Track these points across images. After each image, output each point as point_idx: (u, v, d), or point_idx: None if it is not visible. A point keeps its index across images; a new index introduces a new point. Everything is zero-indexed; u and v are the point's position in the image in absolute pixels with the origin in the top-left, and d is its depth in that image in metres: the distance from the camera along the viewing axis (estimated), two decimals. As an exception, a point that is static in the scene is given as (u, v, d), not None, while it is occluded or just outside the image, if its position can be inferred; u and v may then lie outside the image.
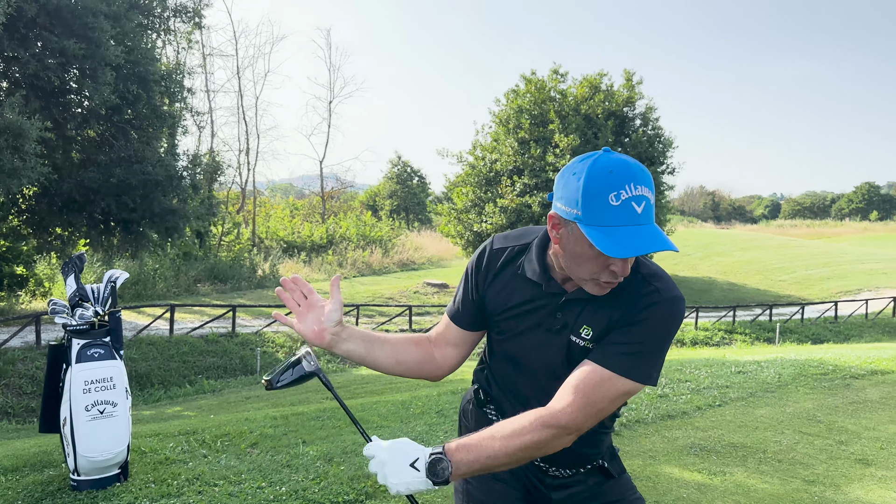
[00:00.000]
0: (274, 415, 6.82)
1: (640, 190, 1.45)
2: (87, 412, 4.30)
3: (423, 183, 65.28)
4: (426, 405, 6.92)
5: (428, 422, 6.13)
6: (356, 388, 12.10)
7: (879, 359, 9.10)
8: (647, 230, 1.45)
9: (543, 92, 28.61)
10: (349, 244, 35.77)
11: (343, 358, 15.58)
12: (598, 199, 1.44)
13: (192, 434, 5.94)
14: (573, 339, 1.64)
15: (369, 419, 6.40)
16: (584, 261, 1.52)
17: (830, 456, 5.08)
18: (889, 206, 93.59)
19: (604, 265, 1.50)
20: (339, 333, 1.75)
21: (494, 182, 28.63)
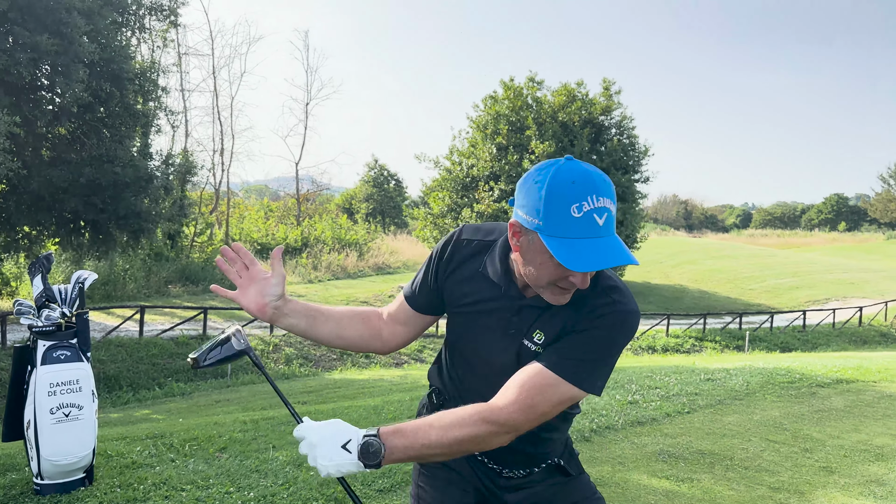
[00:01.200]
0: (244, 419, 6.76)
1: (602, 202, 1.43)
2: (52, 415, 4.23)
3: (399, 187, 65.22)
4: (398, 410, 6.91)
5: (399, 427, 6.12)
6: (328, 393, 12.04)
7: (844, 368, 9.27)
8: (609, 242, 1.44)
9: (521, 99, 28.77)
10: (324, 247, 35.56)
11: (316, 362, 15.46)
12: (560, 210, 1.42)
13: (160, 438, 5.87)
14: (525, 342, 1.63)
15: (340, 424, 6.37)
16: (543, 270, 1.50)
17: (795, 464, 5.16)
18: (857, 217, 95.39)
19: (562, 275, 1.48)
20: (280, 307, 1.76)
21: (471, 187, 28.71)
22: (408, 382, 13.18)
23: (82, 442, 4.36)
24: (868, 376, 8.61)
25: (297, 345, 17.32)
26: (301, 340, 17.56)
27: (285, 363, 16.37)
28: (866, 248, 62.73)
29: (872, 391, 7.75)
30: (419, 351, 18.48)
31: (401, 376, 14.54)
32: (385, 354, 1.81)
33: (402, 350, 18.29)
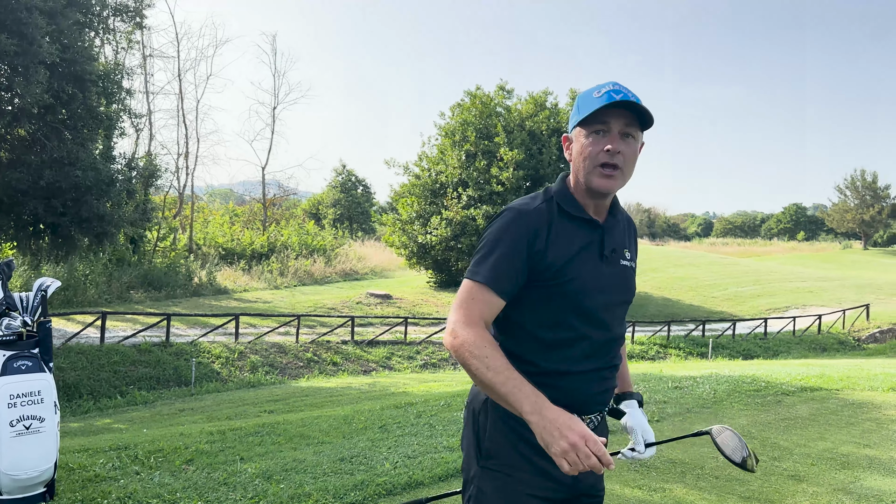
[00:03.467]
0: (210, 430, 6.62)
1: (620, 88, 1.80)
2: (12, 428, 4.07)
3: (367, 192, 65.03)
4: (369, 420, 6.83)
5: (371, 437, 6.05)
6: (295, 402, 11.88)
7: (808, 376, 9.44)
8: (621, 98, 1.77)
9: (489, 107, 28.89)
10: (291, 252, 35.21)
11: (282, 370, 15.28)
12: (585, 99, 1.82)
13: (124, 449, 5.72)
14: (623, 262, 1.93)
15: (310, 435, 6.27)
16: (585, 152, 1.81)
17: (765, 472, 5.20)
18: (815, 226, 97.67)
19: (599, 147, 1.79)
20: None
21: (440, 194, 28.69)
22: (376, 390, 13.08)
23: (44, 455, 4.21)
24: (831, 384, 8.76)
25: (262, 352, 17.09)
26: (266, 347, 17.35)
27: (251, 371, 16.14)
28: (823, 256, 64.29)
29: (835, 399, 7.89)
30: (387, 358, 18.38)
31: (369, 384, 14.43)
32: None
33: (370, 357, 18.17)
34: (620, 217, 1.99)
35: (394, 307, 25.44)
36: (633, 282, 1.97)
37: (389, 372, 17.48)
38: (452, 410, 7.08)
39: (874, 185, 74.99)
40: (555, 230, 1.84)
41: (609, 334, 1.90)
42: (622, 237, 1.96)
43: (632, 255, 1.99)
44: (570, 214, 1.87)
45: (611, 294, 1.88)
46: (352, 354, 18.09)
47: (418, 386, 13.25)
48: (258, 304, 24.92)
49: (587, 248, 1.86)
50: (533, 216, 1.84)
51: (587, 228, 1.88)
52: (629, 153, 1.81)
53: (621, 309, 1.94)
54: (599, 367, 1.89)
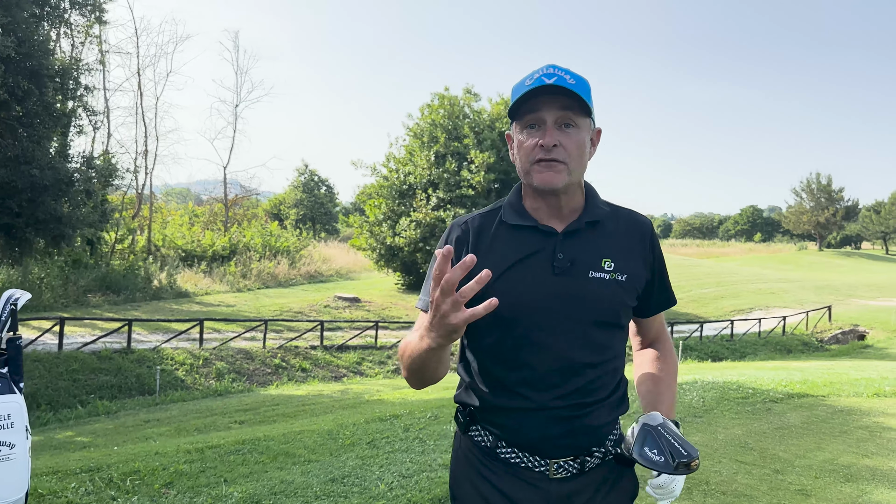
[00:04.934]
0: (188, 448, 6.25)
1: (554, 70, 1.58)
2: (-21, 457, 3.69)
3: (331, 192, 64.35)
4: (355, 435, 6.53)
5: (360, 454, 5.75)
6: (266, 411, 11.49)
7: (792, 382, 9.42)
8: (554, 83, 1.55)
9: (457, 108, 28.72)
10: (253, 254, 34.51)
11: (249, 377, 14.80)
12: (517, 89, 1.60)
13: (97, 471, 5.34)
14: (593, 274, 1.63)
15: (295, 452, 5.95)
16: (521, 148, 1.61)
17: (771, 486, 5.07)
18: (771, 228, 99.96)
19: (534, 143, 1.58)
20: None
21: (409, 195, 28.40)
22: (349, 398, 12.75)
23: (14, 484, 3.82)
24: (816, 390, 8.75)
25: (228, 359, 16.59)
26: (232, 354, 16.85)
27: (216, 378, 15.64)
28: (781, 258, 65.73)
29: (824, 406, 7.85)
30: (358, 363, 18.03)
31: (341, 391, 14.09)
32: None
33: (341, 363, 17.80)
34: (607, 222, 1.70)
35: (363, 310, 25.06)
36: (612, 297, 1.63)
37: (361, 378, 17.13)
38: (441, 423, 6.83)
39: (829, 188, 76.96)
40: (486, 242, 1.66)
41: (561, 362, 1.60)
42: (600, 245, 1.66)
43: (620, 265, 1.65)
44: (508, 224, 1.67)
45: (562, 313, 1.60)
46: (321, 360, 17.70)
47: (392, 393, 12.96)
48: (221, 307, 24.29)
49: (529, 259, 1.62)
50: (458, 229, 1.71)
51: (534, 237, 1.64)
52: (572, 144, 1.58)
53: (585, 330, 1.61)
54: (553, 402, 1.61)
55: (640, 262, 1.71)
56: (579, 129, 1.61)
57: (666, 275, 1.81)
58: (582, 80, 1.60)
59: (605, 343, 1.65)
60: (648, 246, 1.74)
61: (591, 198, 1.72)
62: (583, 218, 1.67)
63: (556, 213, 1.67)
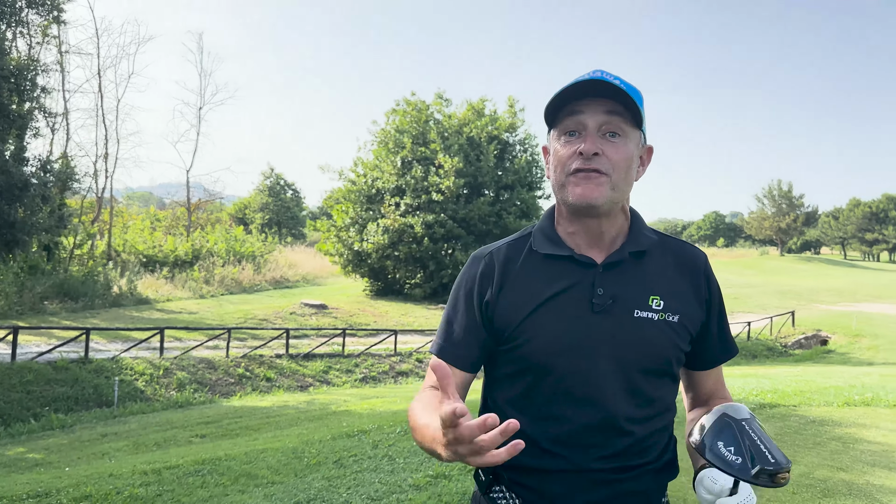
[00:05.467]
0: (144, 468, 5.94)
1: (601, 73, 1.37)
2: None
3: (297, 197, 63.70)
4: (321, 453, 6.28)
5: (326, 475, 5.51)
6: (229, 424, 11.13)
7: (763, 391, 9.40)
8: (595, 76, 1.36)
9: (425, 114, 28.58)
10: (217, 259, 33.87)
11: (212, 387, 14.45)
12: (554, 97, 1.38)
13: (45, 497, 5.03)
14: (640, 314, 1.40)
15: (258, 473, 5.69)
16: (557, 158, 1.40)
17: None
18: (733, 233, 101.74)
19: (572, 152, 1.36)
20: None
21: (377, 200, 28.15)
22: (315, 409, 12.45)
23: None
24: (787, 399, 8.72)
25: (190, 368, 16.14)
26: (194, 363, 16.41)
27: (178, 389, 15.18)
28: (744, 263, 66.73)
29: (796, 416, 7.81)
30: (325, 372, 17.69)
31: (307, 401, 13.77)
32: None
33: (307, 372, 17.45)
34: (655, 252, 1.47)
35: (330, 317, 24.68)
36: (662, 340, 1.40)
37: (328, 387, 16.80)
38: (411, 439, 6.60)
39: (790, 195, 78.56)
40: (514, 276, 1.44)
41: (602, 417, 1.38)
42: (647, 280, 1.43)
43: (671, 303, 1.41)
44: (539, 254, 1.45)
45: (603, 358, 1.37)
46: (287, 369, 17.32)
47: (360, 403, 12.69)
48: (183, 315, 23.73)
49: (564, 295, 1.40)
50: (481, 262, 1.49)
51: (570, 269, 1.42)
52: (618, 155, 1.36)
53: (630, 380, 1.39)
54: (592, 464, 1.39)
55: (693, 300, 1.46)
56: (627, 139, 1.38)
57: (725, 318, 1.54)
58: (634, 88, 1.38)
59: (654, 395, 1.42)
60: (704, 282, 1.49)
61: (635, 224, 1.49)
62: (626, 247, 1.44)
63: (595, 241, 1.44)
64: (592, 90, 1.34)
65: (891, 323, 28.73)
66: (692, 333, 1.45)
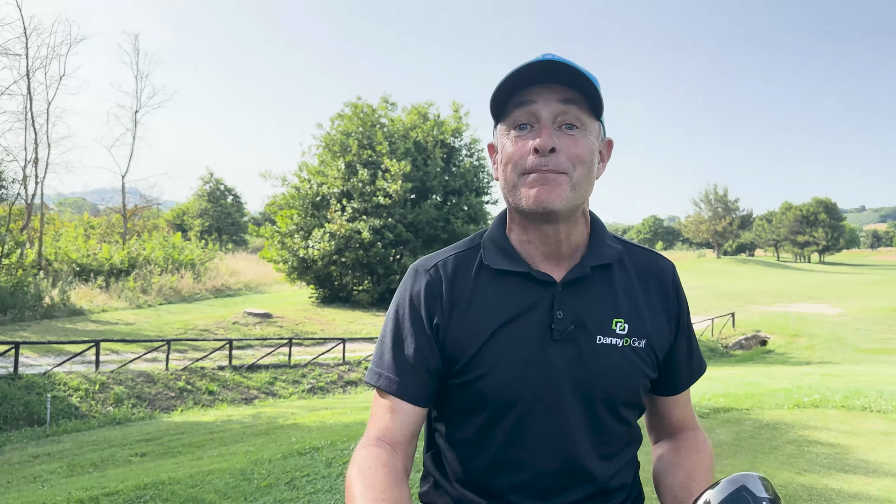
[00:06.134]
0: (80, 496, 5.53)
1: (546, 56, 1.15)
2: None
3: (238, 202, 62.43)
4: (271, 473, 5.98)
5: (278, 498, 5.23)
6: (170, 441, 10.64)
7: (715, 395, 9.47)
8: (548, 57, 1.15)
9: (371, 117, 28.31)
10: (155, 268, 32.79)
11: (151, 402, 13.87)
12: (500, 85, 1.17)
13: (-34, 535, 4.60)
14: (602, 340, 1.23)
15: (204, 498, 5.35)
16: (508, 156, 1.19)
17: (716, 515, 4.88)
18: (671, 237, 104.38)
19: (525, 149, 1.16)
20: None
21: (322, 206, 27.69)
22: (262, 423, 12.04)
23: None
24: (739, 403, 8.80)
25: (128, 383, 15.45)
26: (132, 377, 15.72)
27: (115, 404, 14.51)
28: (682, 265, 68.41)
29: (750, 420, 7.86)
30: (270, 384, 17.20)
31: (253, 415, 13.32)
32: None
33: (251, 383, 16.93)
34: (618, 266, 1.29)
35: (275, 326, 24.09)
36: (628, 370, 1.23)
37: (274, 399, 16.32)
38: (366, 456, 6.36)
39: (725, 199, 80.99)
40: (464, 296, 1.25)
41: (565, 456, 1.23)
42: (610, 299, 1.26)
43: (636, 326, 1.25)
44: (491, 269, 1.27)
45: (564, 392, 1.21)
46: (230, 381, 16.76)
47: (309, 416, 12.33)
48: (120, 326, 22.82)
49: (522, 320, 1.22)
50: (426, 276, 1.28)
51: (526, 287, 1.24)
52: (577, 150, 1.16)
53: (594, 416, 1.23)
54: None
55: (661, 319, 1.29)
56: (586, 131, 1.19)
57: (693, 335, 1.38)
58: (590, 73, 1.17)
59: (620, 430, 1.26)
60: (673, 297, 1.32)
61: (596, 232, 1.30)
62: (587, 261, 1.25)
63: (552, 251, 1.25)
64: (544, 75, 1.15)
65: (825, 322, 29.76)
66: (659, 357, 1.29)
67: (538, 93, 1.16)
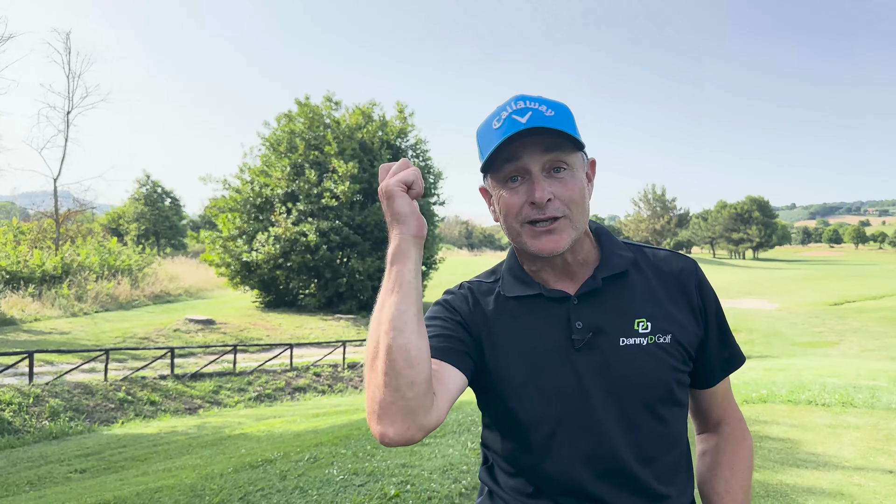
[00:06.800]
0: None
1: (525, 104, 1.26)
2: None
3: (177, 205, 60.85)
4: (223, 488, 5.75)
5: (232, 515, 5.01)
6: (112, 455, 10.21)
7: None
8: (530, 123, 1.23)
9: (318, 117, 27.91)
10: (90, 274, 31.63)
11: (89, 414, 13.34)
12: (484, 135, 1.29)
13: None
14: (626, 341, 1.29)
15: (154, 518, 5.10)
16: (507, 209, 1.29)
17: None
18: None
19: (522, 202, 1.26)
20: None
21: (265, 208, 27.14)
22: (208, 434, 11.68)
23: None
24: (690, 401, 8.93)
25: (64, 395, 14.79)
26: (69, 389, 15.05)
27: (51, 418, 13.86)
28: (624, 263, 69.76)
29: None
30: (215, 392, 16.73)
31: (198, 425, 12.92)
32: (414, 439, 1.14)
33: (195, 392, 16.43)
34: (633, 271, 1.36)
35: (218, 333, 23.46)
36: (657, 366, 1.28)
37: (219, 408, 15.87)
38: (322, 467, 6.18)
39: (664, 198, 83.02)
40: (487, 322, 1.35)
41: (607, 467, 1.27)
42: (628, 302, 1.32)
43: (659, 323, 1.30)
44: (509, 298, 1.36)
45: (595, 398, 1.26)
46: (173, 391, 16.23)
47: (257, 424, 12.03)
48: (54, 336, 21.88)
49: (541, 337, 1.30)
50: (456, 293, 1.41)
51: (541, 307, 1.33)
52: (569, 192, 1.26)
53: (631, 418, 1.27)
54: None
55: (686, 314, 1.34)
56: (573, 169, 1.28)
57: (726, 326, 1.41)
58: (561, 107, 1.28)
59: (662, 430, 1.30)
60: (695, 292, 1.36)
61: (605, 245, 1.38)
62: (599, 273, 1.34)
63: (564, 273, 1.35)
64: (526, 133, 1.24)
65: (763, 317, 30.73)
66: (690, 351, 1.34)
67: (523, 146, 1.24)
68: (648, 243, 1.62)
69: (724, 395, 1.45)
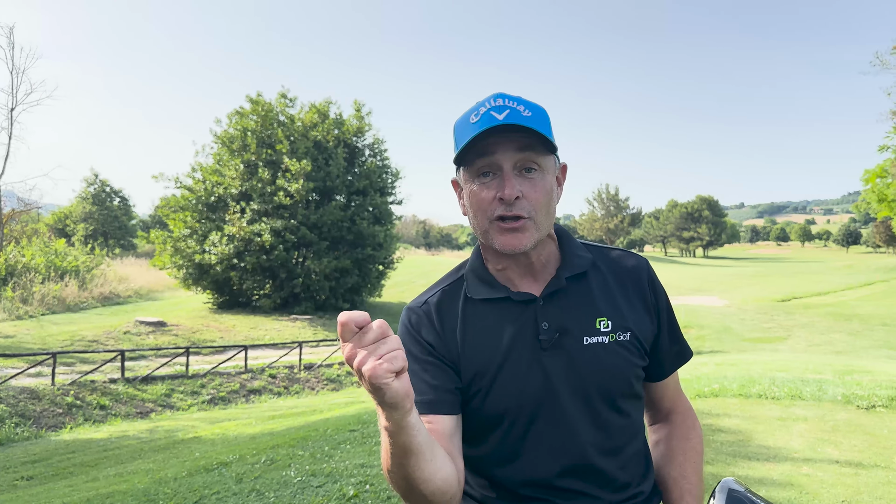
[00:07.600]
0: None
1: (504, 102, 1.29)
2: None
3: (126, 204, 59.42)
4: (177, 492, 5.62)
5: (187, 520, 4.91)
6: (60, 462, 9.92)
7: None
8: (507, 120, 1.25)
9: (271, 115, 27.51)
10: (36, 276, 30.68)
11: (36, 420, 12.94)
12: (461, 128, 1.31)
13: None
14: (589, 340, 1.34)
15: (105, 525, 4.96)
16: (477, 203, 1.32)
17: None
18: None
19: (491, 197, 1.29)
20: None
21: (219, 208, 26.65)
22: (159, 437, 11.43)
23: None
24: (645, 396, 9.06)
25: (9, 400, 14.30)
26: (14, 394, 14.57)
27: (-5, 424, 13.39)
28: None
29: (656, 413, 8.11)
30: (167, 395, 16.37)
31: (149, 430, 12.63)
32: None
33: (146, 396, 16.06)
34: (592, 272, 1.41)
35: (170, 335, 22.96)
36: (618, 363, 1.35)
37: (172, 412, 15.53)
38: (279, 469, 6.09)
39: (617, 198, 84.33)
40: (455, 327, 1.39)
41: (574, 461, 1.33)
42: (589, 303, 1.38)
43: (618, 322, 1.37)
44: (475, 300, 1.40)
45: (563, 395, 1.33)
46: (123, 394, 15.82)
47: (210, 428, 11.82)
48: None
49: (510, 339, 1.35)
50: (420, 311, 1.42)
51: (509, 309, 1.37)
52: (537, 193, 1.30)
53: (596, 412, 1.34)
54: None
55: (641, 312, 1.42)
56: (544, 171, 1.32)
57: (675, 322, 1.50)
58: (539, 109, 1.31)
59: (625, 423, 1.38)
60: (649, 290, 1.44)
61: (566, 246, 1.44)
62: (562, 273, 1.39)
63: (527, 272, 1.40)
64: (501, 129, 1.27)
65: (713, 314, 31.43)
66: (646, 346, 1.42)
67: (497, 143, 1.27)
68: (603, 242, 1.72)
69: (674, 387, 1.54)
